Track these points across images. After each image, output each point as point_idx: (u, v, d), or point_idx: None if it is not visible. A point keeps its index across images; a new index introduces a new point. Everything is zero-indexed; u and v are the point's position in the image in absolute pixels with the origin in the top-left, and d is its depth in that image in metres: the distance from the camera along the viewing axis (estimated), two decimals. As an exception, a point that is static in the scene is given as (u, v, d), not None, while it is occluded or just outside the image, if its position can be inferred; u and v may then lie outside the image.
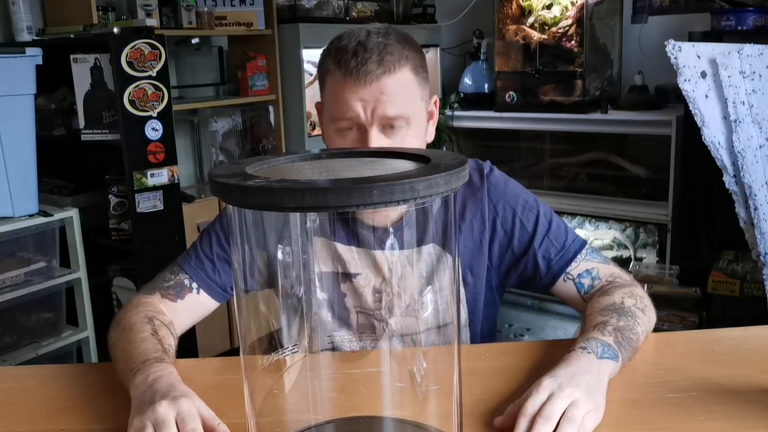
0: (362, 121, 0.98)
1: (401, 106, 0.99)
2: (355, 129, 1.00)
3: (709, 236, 2.76)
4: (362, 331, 1.06)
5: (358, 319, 1.06)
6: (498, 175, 1.12)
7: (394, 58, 0.98)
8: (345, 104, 0.98)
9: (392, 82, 0.97)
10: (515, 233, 1.08)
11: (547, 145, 3.24)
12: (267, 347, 0.79)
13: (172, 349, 0.92)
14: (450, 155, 0.65)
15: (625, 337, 0.90)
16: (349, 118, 0.99)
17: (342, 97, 0.98)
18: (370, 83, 0.96)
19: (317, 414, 0.80)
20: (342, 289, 1.06)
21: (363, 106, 0.97)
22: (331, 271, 1.06)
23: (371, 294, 1.05)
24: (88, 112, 2.26)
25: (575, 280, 1.07)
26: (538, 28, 2.99)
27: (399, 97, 0.98)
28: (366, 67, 0.96)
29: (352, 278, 1.05)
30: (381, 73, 0.96)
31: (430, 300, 1.01)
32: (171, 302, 1.03)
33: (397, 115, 0.98)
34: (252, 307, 0.92)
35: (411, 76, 1.01)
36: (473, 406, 0.82)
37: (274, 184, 0.56)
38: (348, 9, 3.18)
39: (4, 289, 2.10)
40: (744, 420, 0.78)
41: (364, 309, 1.06)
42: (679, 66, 1.90)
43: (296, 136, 3.04)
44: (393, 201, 0.53)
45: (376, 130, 0.99)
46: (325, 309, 1.05)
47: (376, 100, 0.97)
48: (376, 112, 0.98)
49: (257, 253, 0.96)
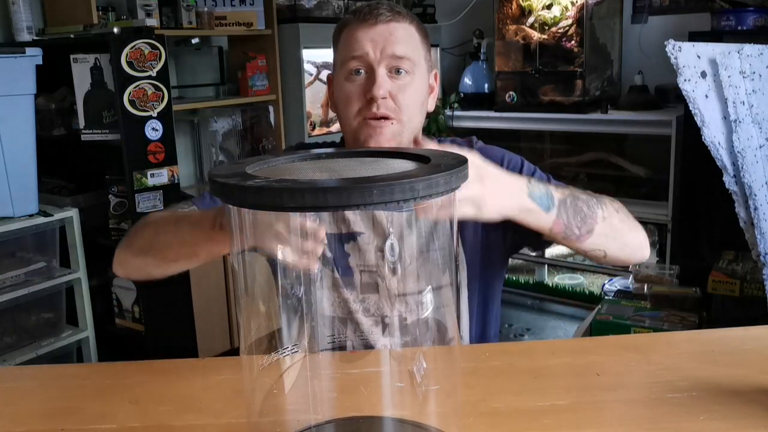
0: (371, 59, 1.06)
1: (408, 49, 1.07)
2: (363, 73, 1.07)
3: (709, 236, 2.76)
4: (365, 292, 1.09)
5: (362, 278, 1.09)
6: (484, 144, 1.22)
7: (402, 13, 1.10)
8: (356, 43, 1.07)
9: (400, 27, 1.08)
10: None
11: (547, 145, 3.24)
12: (267, 347, 0.79)
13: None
14: (450, 155, 0.65)
15: (574, 205, 0.96)
16: (359, 56, 1.06)
17: (354, 37, 1.07)
18: (380, 23, 1.06)
19: (317, 414, 0.80)
20: (346, 249, 1.10)
21: (372, 44, 1.06)
22: (335, 232, 1.10)
23: (374, 252, 1.08)
24: (88, 112, 2.26)
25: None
26: (538, 28, 2.99)
27: (406, 41, 1.07)
28: (378, 10, 1.07)
29: (356, 237, 1.09)
30: (391, 17, 1.07)
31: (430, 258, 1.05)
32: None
33: (403, 55, 1.06)
34: (252, 307, 0.92)
35: (417, 33, 1.10)
36: (473, 406, 0.82)
37: (274, 184, 0.56)
38: (348, 9, 3.18)
39: (4, 289, 2.10)
40: (744, 420, 0.78)
41: (367, 267, 1.09)
42: (679, 66, 1.90)
43: (296, 136, 3.04)
44: (393, 201, 0.53)
45: (383, 69, 1.06)
46: (331, 269, 1.10)
47: (384, 39, 1.06)
48: (385, 51, 1.05)
49: (257, 253, 0.96)
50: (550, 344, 1.03)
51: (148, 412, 0.83)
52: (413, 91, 1.08)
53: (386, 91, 1.06)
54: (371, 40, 1.06)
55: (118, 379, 0.94)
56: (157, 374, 0.96)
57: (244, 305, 0.73)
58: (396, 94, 1.06)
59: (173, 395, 0.88)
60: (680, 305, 2.52)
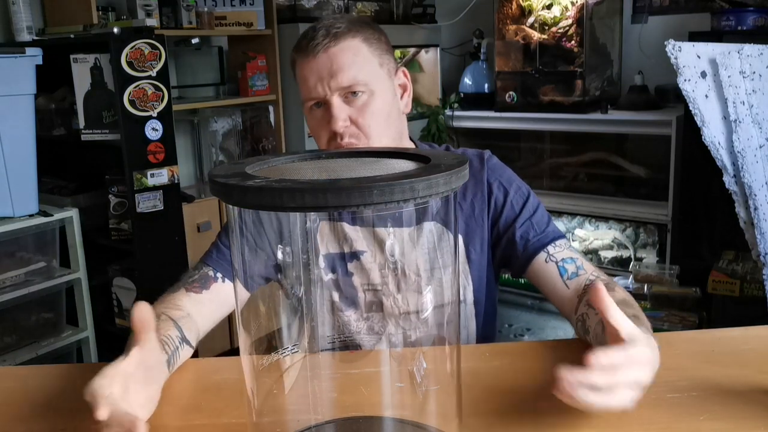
0: (322, 96, 1.04)
1: (354, 72, 1.04)
2: (322, 105, 1.06)
3: (709, 236, 2.76)
4: (370, 310, 1.08)
5: (366, 297, 1.08)
6: (497, 161, 1.18)
7: (341, 30, 1.05)
8: (305, 83, 1.05)
9: (340, 52, 1.03)
10: (504, 212, 1.13)
11: (547, 145, 3.24)
12: (267, 347, 0.79)
13: (170, 339, 0.90)
14: (450, 155, 0.65)
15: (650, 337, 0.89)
16: (312, 97, 1.05)
17: (302, 76, 1.06)
18: (318, 54, 1.03)
19: (317, 414, 0.80)
20: (349, 269, 1.09)
21: (319, 79, 1.04)
22: (337, 251, 1.09)
23: (378, 271, 1.08)
24: (88, 112, 2.26)
25: (558, 263, 1.07)
26: (538, 28, 2.99)
27: (351, 64, 1.03)
28: (314, 41, 1.04)
29: (359, 256, 1.08)
30: (327, 42, 1.03)
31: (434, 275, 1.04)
32: (196, 294, 1.03)
33: (351, 82, 1.04)
34: (252, 307, 0.92)
35: (361, 44, 1.06)
36: (473, 406, 0.82)
37: (273, 184, 0.56)
38: (348, 9, 3.18)
39: (4, 289, 2.10)
40: (744, 420, 0.78)
41: (371, 286, 1.08)
42: (679, 66, 1.90)
43: (296, 136, 3.04)
44: (393, 201, 0.53)
45: (337, 99, 1.04)
46: (333, 290, 1.09)
47: (328, 71, 1.03)
48: (332, 83, 1.03)
49: (257, 253, 0.96)
50: (550, 344, 1.03)
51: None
52: (374, 109, 1.06)
53: (345, 120, 1.04)
54: (317, 76, 1.04)
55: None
56: (157, 374, 0.95)
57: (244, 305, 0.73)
58: (356, 119, 1.05)
59: (173, 395, 0.88)
60: (680, 305, 2.53)
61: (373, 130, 1.05)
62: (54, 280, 2.22)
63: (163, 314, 0.96)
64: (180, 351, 0.92)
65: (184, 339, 0.94)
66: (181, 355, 0.92)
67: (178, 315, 0.97)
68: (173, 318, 0.96)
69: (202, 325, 1.01)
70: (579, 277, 1.05)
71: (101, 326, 2.41)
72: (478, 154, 1.18)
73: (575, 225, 3.16)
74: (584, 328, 0.96)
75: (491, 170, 1.15)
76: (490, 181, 1.14)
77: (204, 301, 1.03)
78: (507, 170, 1.17)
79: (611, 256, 3.10)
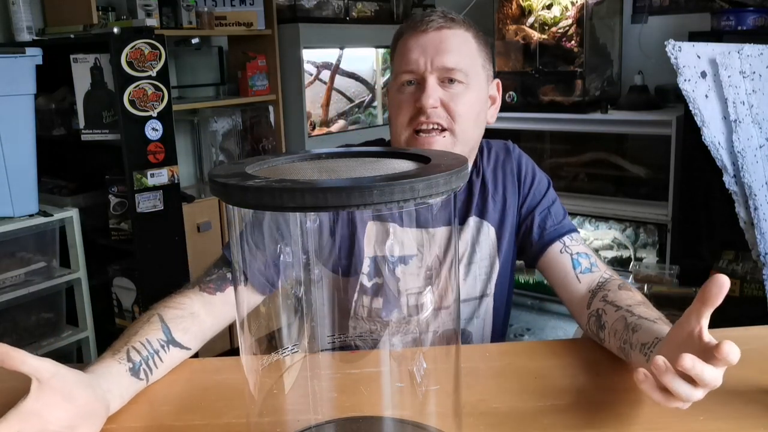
0: (421, 70, 1.02)
1: (459, 59, 1.02)
2: (414, 83, 1.04)
3: (709, 236, 2.76)
4: (412, 313, 1.07)
5: (409, 302, 1.06)
6: (521, 152, 1.20)
7: (456, 20, 1.05)
8: (407, 53, 1.03)
9: (453, 35, 1.03)
10: (527, 201, 1.15)
11: (547, 145, 3.24)
12: (267, 347, 0.79)
13: (147, 344, 0.88)
14: (450, 155, 0.65)
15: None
16: (410, 69, 1.03)
17: (405, 47, 1.04)
18: (430, 31, 1.02)
19: (317, 414, 0.80)
20: (396, 274, 1.06)
21: (422, 54, 1.02)
22: (384, 255, 1.07)
23: (424, 274, 1.06)
24: (88, 112, 2.26)
25: (573, 255, 1.07)
26: (538, 28, 2.99)
27: (458, 50, 1.03)
28: (430, 17, 1.04)
29: (408, 261, 1.05)
30: (443, 23, 1.03)
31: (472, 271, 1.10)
32: (209, 295, 1.01)
33: (455, 66, 1.02)
34: (252, 306, 0.92)
35: (472, 39, 1.06)
36: (473, 406, 0.82)
37: (273, 184, 0.56)
38: (348, 9, 3.18)
39: (4, 289, 2.10)
40: (744, 420, 0.78)
41: (416, 290, 1.07)
42: (679, 66, 1.90)
43: (296, 136, 3.04)
44: (393, 201, 0.53)
45: (433, 79, 1.02)
46: (377, 295, 1.06)
47: (435, 48, 1.02)
48: (435, 61, 1.01)
49: (257, 253, 0.96)
50: (550, 344, 1.03)
51: (148, 412, 0.83)
52: (467, 101, 1.04)
53: (436, 100, 1.02)
54: (421, 50, 1.02)
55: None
56: (157, 374, 0.95)
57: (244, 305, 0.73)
58: (448, 103, 1.02)
59: (173, 395, 0.88)
60: (680, 305, 2.52)
61: (462, 120, 1.03)
62: (54, 280, 2.22)
63: (156, 315, 0.94)
64: (162, 354, 0.89)
65: (171, 341, 0.91)
66: (165, 359, 0.89)
67: (173, 315, 0.94)
68: (164, 319, 0.93)
69: (211, 326, 0.99)
70: (592, 273, 1.05)
71: (101, 326, 2.41)
72: (503, 145, 1.20)
73: (575, 225, 3.16)
74: (598, 323, 0.95)
75: (517, 160, 1.17)
76: (518, 171, 1.16)
77: (215, 303, 1.01)
78: (530, 161, 1.19)
79: (611, 256, 3.10)
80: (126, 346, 0.86)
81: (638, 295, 0.98)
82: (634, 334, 0.86)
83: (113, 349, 0.87)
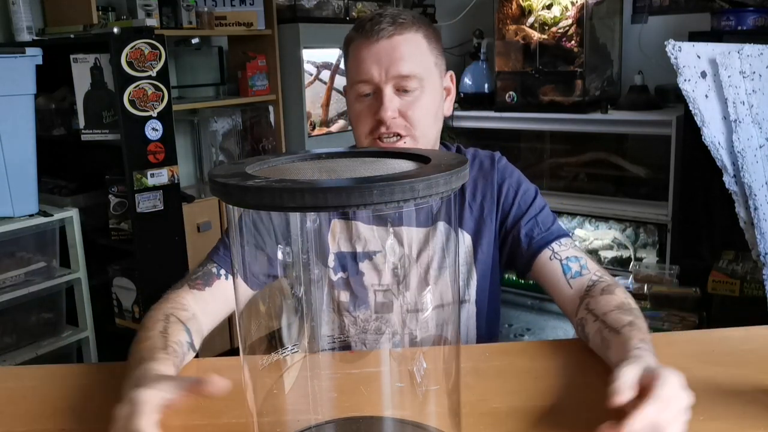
0: (377, 81, 1.04)
1: (414, 65, 1.04)
2: (371, 93, 1.06)
3: (709, 236, 2.76)
4: (379, 311, 1.08)
5: (376, 298, 1.08)
6: (507, 162, 1.19)
7: (406, 22, 1.05)
8: (361, 64, 1.05)
9: (404, 41, 1.04)
10: (511, 211, 1.14)
11: (547, 145, 3.24)
12: (267, 347, 0.78)
13: (179, 345, 0.90)
14: (450, 155, 0.65)
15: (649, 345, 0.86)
16: (365, 79, 1.05)
17: (359, 57, 1.05)
18: (382, 39, 1.03)
19: (317, 414, 0.80)
20: (360, 268, 1.09)
21: (377, 64, 1.03)
22: (350, 251, 1.09)
23: (390, 271, 1.08)
24: (88, 112, 2.26)
25: (562, 261, 1.07)
26: (538, 28, 2.99)
27: (411, 56, 1.04)
28: (379, 26, 1.04)
29: (372, 256, 1.08)
30: (393, 30, 1.04)
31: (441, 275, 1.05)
32: (199, 291, 1.02)
33: (410, 73, 1.04)
34: (252, 307, 0.92)
35: (423, 40, 1.07)
36: (473, 406, 0.82)
37: (274, 184, 0.56)
38: (348, 9, 3.18)
39: (4, 289, 2.10)
40: (744, 420, 0.78)
41: (382, 287, 1.08)
42: (679, 66, 1.90)
43: (296, 136, 3.04)
44: (393, 201, 0.53)
45: (390, 89, 1.04)
46: (342, 289, 1.09)
47: (388, 58, 1.03)
48: (390, 71, 1.03)
49: (257, 253, 0.96)
50: (550, 344, 1.03)
51: (148, 412, 0.83)
52: (424, 105, 1.06)
53: (394, 111, 1.04)
54: (375, 61, 1.04)
55: (118, 379, 0.93)
56: (157, 374, 0.95)
57: (244, 305, 0.73)
58: (406, 112, 1.05)
59: (173, 395, 0.88)
60: (680, 305, 2.53)
61: (421, 125, 1.06)
62: (54, 280, 2.22)
63: (172, 315, 0.95)
64: (186, 357, 0.92)
65: (191, 344, 0.93)
66: (185, 361, 0.92)
67: (186, 317, 0.96)
68: (182, 320, 0.95)
69: (206, 324, 1.01)
70: (582, 276, 1.04)
71: (101, 326, 2.41)
72: (489, 155, 1.19)
73: (575, 225, 3.16)
74: (584, 333, 0.97)
75: (501, 171, 1.16)
76: (500, 182, 1.15)
77: (207, 299, 1.03)
78: (516, 171, 1.19)
79: (611, 256, 3.10)
80: (163, 353, 0.87)
81: (617, 296, 0.97)
82: (608, 351, 0.87)
83: (157, 347, 0.87)
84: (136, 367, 0.83)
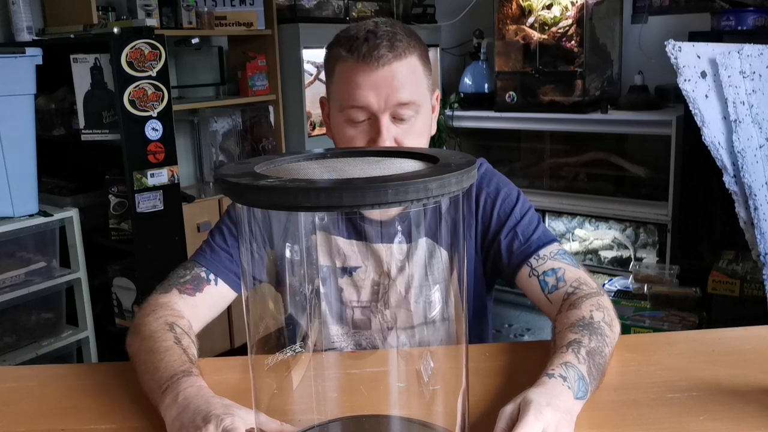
0: (374, 109, 0.98)
1: (411, 92, 0.99)
2: (366, 119, 1.00)
3: (709, 236, 2.77)
4: (357, 327, 1.05)
5: (354, 314, 1.06)
6: (487, 169, 1.14)
7: (403, 44, 0.99)
8: (357, 90, 0.98)
9: (403, 68, 0.98)
10: (491, 224, 1.10)
11: (547, 145, 3.24)
12: (272, 346, 0.78)
13: (196, 358, 0.88)
14: (457, 154, 0.65)
15: (595, 364, 0.84)
16: (361, 105, 0.99)
17: (354, 82, 0.98)
18: (382, 67, 0.97)
19: (321, 413, 0.80)
20: (339, 284, 1.06)
21: (376, 92, 0.98)
22: (329, 265, 1.06)
23: (370, 288, 1.05)
24: (88, 112, 2.26)
25: (540, 277, 1.04)
26: (538, 28, 2.99)
27: (409, 83, 0.99)
28: (378, 51, 0.97)
29: (351, 272, 1.05)
30: (392, 57, 0.97)
31: (427, 293, 1.05)
32: (190, 296, 1.00)
33: (409, 101, 0.99)
34: (258, 306, 0.92)
35: (419, 64, 1.02)
36: (474, 406, 0.82)
37: (287, 184, 0.55)
38: (348, 9, 3.18)
39: (4, 289, 2.10)
40: (744, 420, 0.78)
41: (360, 303, 1.05)
42: (679, 66, 1.90)
43: (296, 136, 3.04)
44: (407, 200, 0.52)
45: (387, 118, 0.99)
46: (323, 303, 1.06)
47: (388, 86, 0.97)
48: (389, 99, 0.98)
49: (265, 252, 0.96)
50: (549, 344, 1.03)
51: (148, 412, 0.83)
52: (418, 130, 1.02)
53: (392, 141, 1.00)
54: (373, 88, 0.97)
55: (118, 379, 0.94)
56: (159, 374, 0.95)
57: (251, 304, 0.73)
58: (402, 139, 1.01)
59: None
60: (680, 305, 2.53)
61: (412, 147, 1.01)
62: (54, 280, 2.22)
63: (176, 325, 0.93)
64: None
65: (196, 354, 0.91)
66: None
67: (186, 326, 0.94)
68: (185, 330, 0.93)
69: (197, 331, 0.99)
70: (558, 290, 1.01)
71: (101, 326, 2.41)
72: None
73: (575, 225, 3.17)
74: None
75: (478, 182, 1.11)
76: (477, 193, 1.11)
77: (198, 305, 1.01)
78: (496, 177, 1.13)
79: (611, 256, 3.10)
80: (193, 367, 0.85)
81: (580, 311, 0.93)
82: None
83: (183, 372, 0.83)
84: (174, 387, 0.79)
